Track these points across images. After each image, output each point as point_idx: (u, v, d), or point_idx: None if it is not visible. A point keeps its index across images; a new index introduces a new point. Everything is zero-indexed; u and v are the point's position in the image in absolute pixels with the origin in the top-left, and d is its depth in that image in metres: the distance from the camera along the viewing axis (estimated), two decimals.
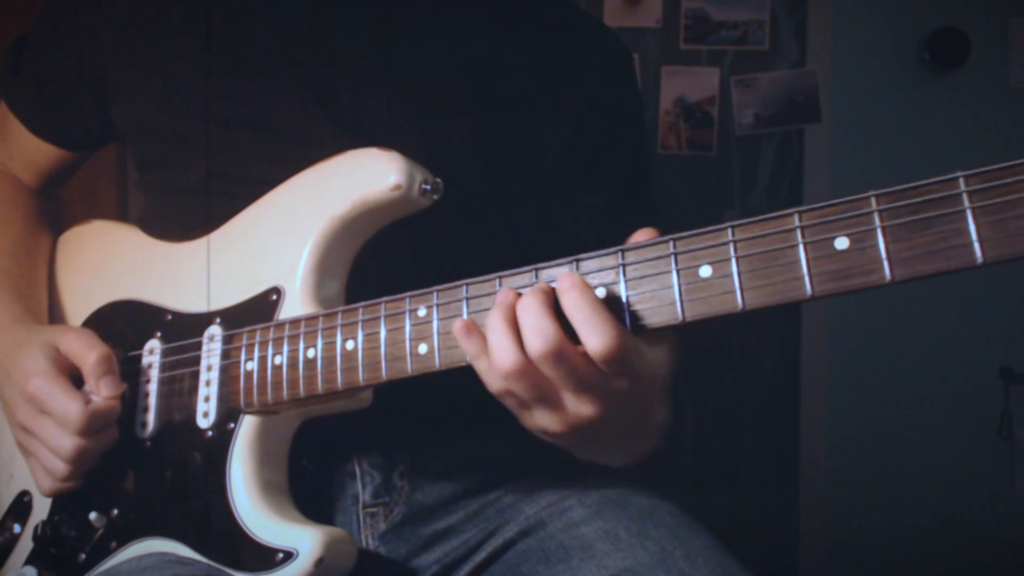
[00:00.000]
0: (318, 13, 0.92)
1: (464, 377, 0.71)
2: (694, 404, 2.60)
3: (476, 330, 0.67)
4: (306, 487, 0.85)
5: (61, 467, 0.84)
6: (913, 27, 2.57)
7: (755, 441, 2.62)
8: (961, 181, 0.54)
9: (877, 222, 0.57)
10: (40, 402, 0.84)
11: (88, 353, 0.86)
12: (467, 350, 0.68)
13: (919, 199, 0.56)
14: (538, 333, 0.64)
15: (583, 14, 1.06)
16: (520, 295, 0.67)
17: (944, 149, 2.57)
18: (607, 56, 1.02)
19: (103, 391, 0.85)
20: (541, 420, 0.69)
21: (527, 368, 0.65)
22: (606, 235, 0.96)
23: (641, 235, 0.67)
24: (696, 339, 0.66)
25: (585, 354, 0.64)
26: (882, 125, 2.60)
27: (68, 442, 0.83)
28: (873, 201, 0.57)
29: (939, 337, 2.52)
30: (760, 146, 2.61)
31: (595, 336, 0.63)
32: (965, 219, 0.54)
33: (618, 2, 2.55)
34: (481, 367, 0.68)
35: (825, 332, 2.59)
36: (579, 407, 0.67)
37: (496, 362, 0.65)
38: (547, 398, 0.67)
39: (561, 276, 0.66)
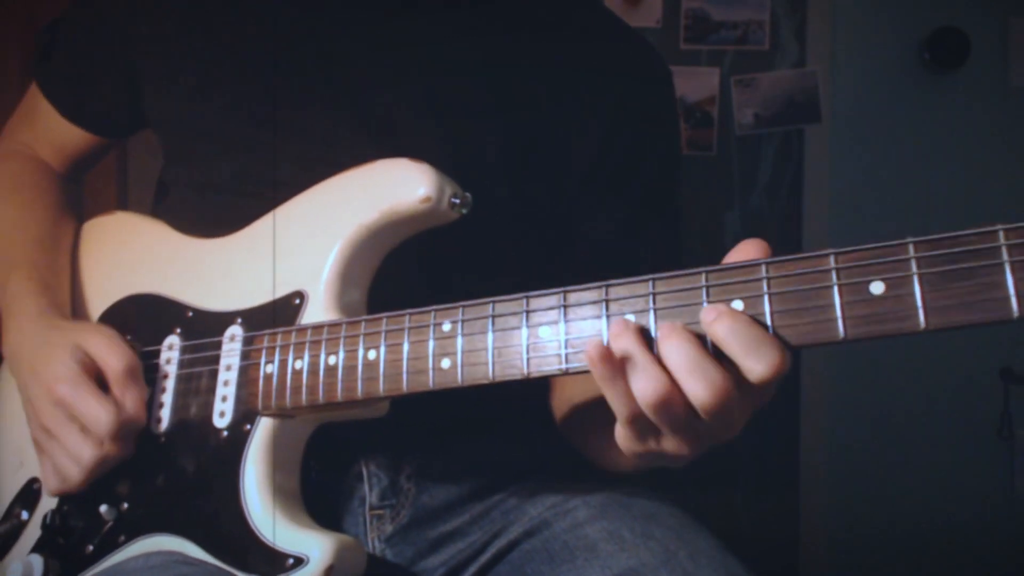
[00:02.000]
0: (348, 12, 0.91)
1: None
2: None
3: (612, 354, 0.62)
4: (313, 489, 0.85)
5: (76, 473, 0.84)
6: (913, 27, 2.57)
7: (755, 441, 2.62)
8: (1001, 234, 0.54)
9: (914, 268, 0.56)
10: (69, 407, 0.83)
11: (115, 360, 0.85)
12: (602, 372, 0.62)
13: (957, 249, 0.55)
14: (705, 380, 0.60)
15: (616, 20, 1.04)
16: (643, 329, 0.64)
17: (944, 149, 2.57)
18: (643, 63, 1.00)
19: (129, 401, 0.84)
20: (669, 446, 0.66)
21: (673, 398, 0.61)
22: (627, 247, 0.96)
23: (748, 246, 0.63)
24: None
25: (741, 382, 0.61)
26: (882, 125, 2.60)
27: (88, 451, 0.83)
28: (911, 248, 0.57)
29: (939, 337, 2.51)
30: (760, 146, 2.61)
31: (758, 361, 0.59)
32: (1003, 272, 0.54)
33: (618, 2, 2.55)
34: (616, 391, 0.63)
35: None
36: (724, 431, 0.65)
37: (644, 395, 0.61)
38: (687, 426, 0.64)
39: (708, 310, 0.61)
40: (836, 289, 0.59)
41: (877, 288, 0.57)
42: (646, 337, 0.63)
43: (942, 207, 2.47)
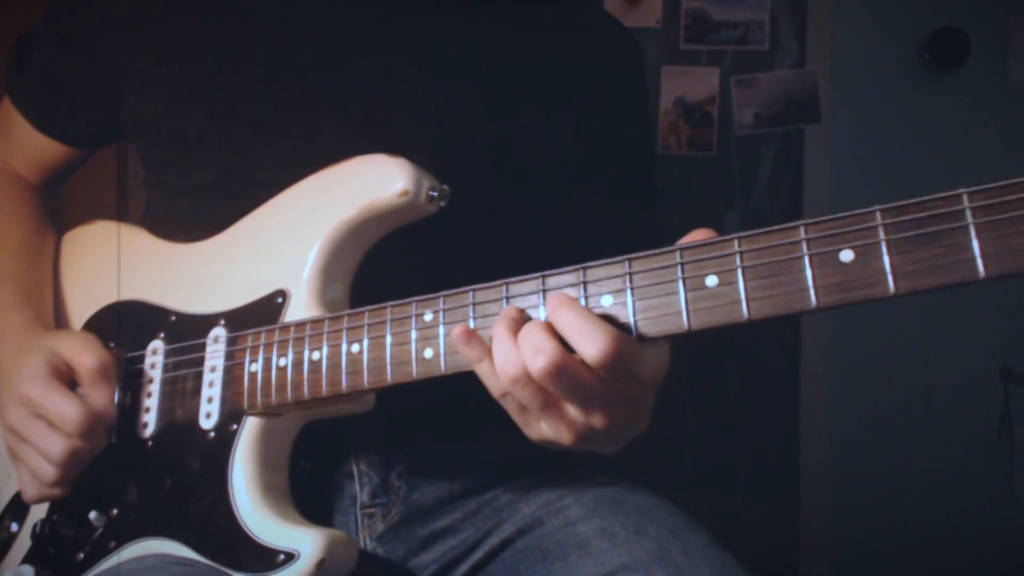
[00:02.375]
0: (327, 11, 0.92)
1: (462, 377, 0.71)
2: (695, 404, 2.60)
3: (476, 337, 0.68)
4: (304, 487, 0.85)
5: (50, 471, 0.84)
6: (913, 27, 2.57)
7: (755, 441, 2.62)
8: (965, 197, 0.55)
9: (882, 235, 0.57)
10: (34, 405, 0.84)
11: (84, 357, 0.85)
12: (467, 356, 0.69)
13: (923, 214, 0.56)
14: (538, 351, 0.64)
15: (595, 10, 1.05)
16: (524, 314, 0.69)
17: (944, 149, 2.56)
18: (613, 53, 1.01)
19: (98, 395, 0.85)
20: (546, 431, 0.70)
21: (527, 377, 0.66)
22: (605, 234, 0.96)
23: (698, 234, 0.66)
24: (697, 339, 0.66)
25: (584, 363, 0.65)
26: (882, 125, 2.60)
27: (58, 445, 0.83)
28: (878, 215, 0.58)
29: (939, 337, 2.52)
30: (760, 146, 2.61)
31: (589, 344, 0.63)
32: (968, 234, 0.55)
33: (618, 2, 2.55)
34: (483, 371, 0.69)
35: (825, 332, 2.59)
36: (587, 419, 0.68)
37: (501, 371, 0.67)
38: (551, 406, 0.68)
39: (549, 298, 0.67)
40: (807, 259, 0.60)
41: (847, 256, 0.59)
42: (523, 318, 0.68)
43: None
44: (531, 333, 0.65)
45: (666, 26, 2.58)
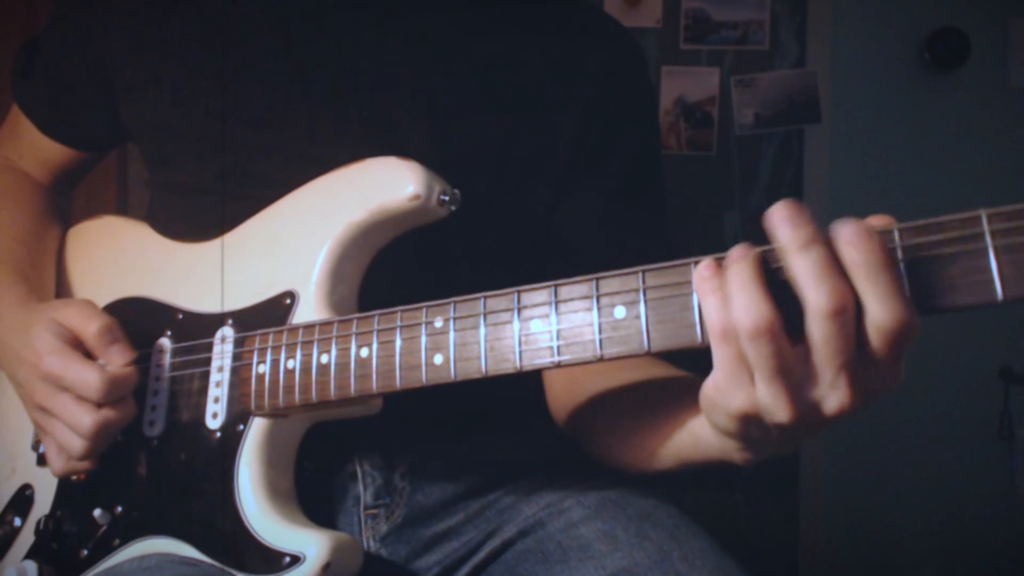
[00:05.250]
0: (327, 12, 0.92)
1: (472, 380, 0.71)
2: None
3: (720, 271, 0.58)
4: (308, 488, 0.85)
5: (78, 443, 0.84)
6: (913, 27, 2.57)
7: None
8: (984, 219, 0.55)
9: (899, 256, 0.57)
10: (57, 378, 0.84)
11: (88, 323, 0.85)
12: (702, 285, 0.58)
13: (942, 236, 0.56)
14: (826, 287, 0.54)
15: (595, 11, 1.05)
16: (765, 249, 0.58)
17: (944, 149, 2.56)
18: (613, 54, 1.01)
19: (115, 359, 0.84)
20: (765, 398, 0.58)
21: (777, 335, 0.55)
22: (606, 236, 0.96)
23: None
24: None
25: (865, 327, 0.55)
26: (882, 125, 2.60)
27: (87, 417, 0.82)
28: (896, 235, 0.57)
29: (939, 337, 2.51)
30: (760, 146, 2.61)
31: (886, 304, 0.54)
32: (987, 256, 0.54)
33: (618, 2, 2.55)
34: (712, 304, 0.57)
35: None
36: (830, 394, 0.58)
37: (740, 317, 0.56)
38: (788, 375, 0.57)
39: (843, 226, 0.55)
40: None
41: None
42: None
43: (942, 207, 2.44)
44: (811, 261, 0.54)
45: (666, 26, 2.58)
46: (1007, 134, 2.57)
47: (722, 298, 0.57)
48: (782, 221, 0.56)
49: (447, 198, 0.80)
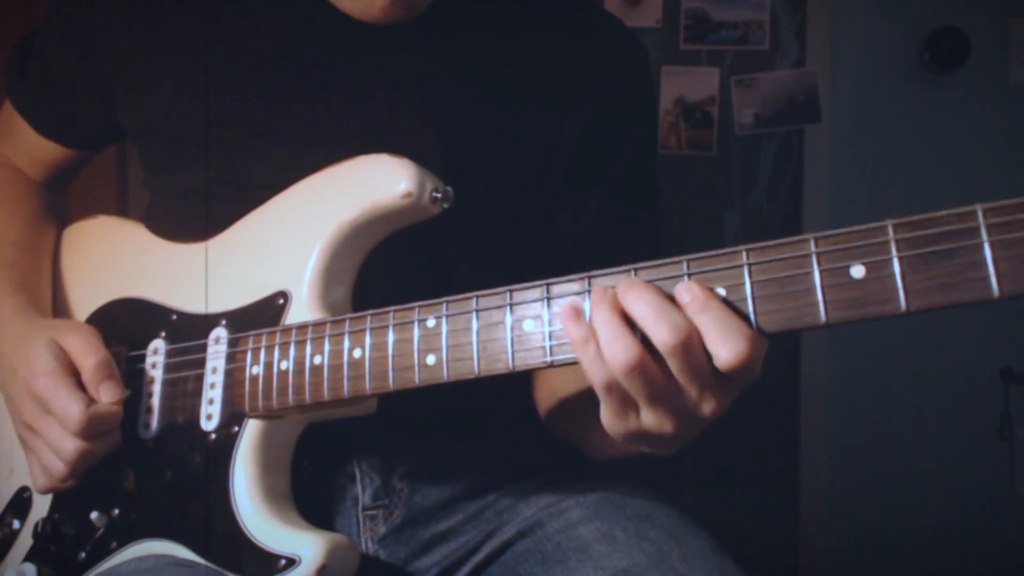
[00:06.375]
0: (322, 14, 0.91)
1: (464, 381, 0.71)
2: None
3: (583, 316, 0.64)
4: (306, 489, 0.85)
5: (60, 467, 0.84)
6: (913, 27, 2.57)
7: (755, 442, 2.62)
8: (980, 214, 0.54)
9: (894, 251, 0.56)
10: (44, 401, 0.84)
11: (87, 358, 0.85)
12: (573, 336, 0.64)
13: (937, 230, 0.55)
14: (667, 323, 0.60)
15: (598, 10, 1.05)
16: (614, 289, 0.64)
17: (944, 149, 2.56)
18: (618, 53, 1.00)
19: (103, 396, 0.84)
20: (648, 422, 0.65)
21: (646, 363, 0.61)
22: (605, 238, 0.96)
23: None
24: None
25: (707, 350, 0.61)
26: (882, 125, 2.59)
27: (70, 444, 0.83)
28: (890, 230, 0.57)
29: (939, 337, 2.51)
30: (760, 146, 2.61)
31: (727, 345, 0.60)
32: (983, 252, 0.54)
33: (618, 2, 2.54)
34: (587, 356, 0.63)
35: (825, 332, 2.59)
36: (701, 405, 0.64)
37: (612, 357, 0.62)
38: (663, 399, 0.63)
39: (679, 289, 0.62)
40: (817, 273, 0.59)
41: (858, 271, 0.58)
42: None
43: (941, 207, 2.45)
44: (651, 304, 0.61)
45: (666, 26, 2.58)
46: (1007, 134, 2.57)
47: (595, 348, 0.63)
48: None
49: (439, 195, 0.80)
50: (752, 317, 0.61)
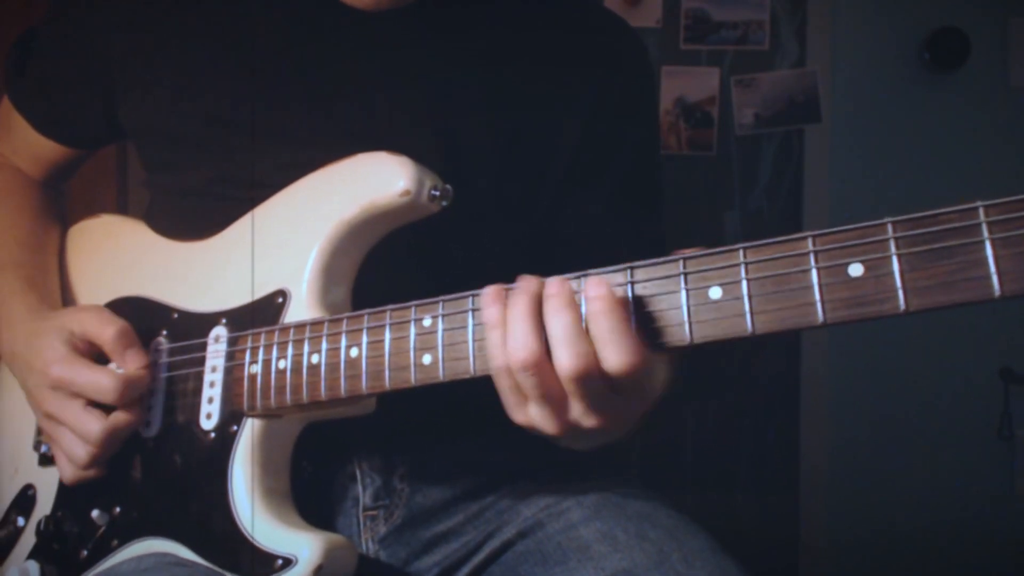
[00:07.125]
0: (324, 13, 0.91)
1: (463, 381, 0.71)
2: (694, 405, 2.60)
3: (503, 301, 0.66)
4: (307, 489, 0.85)
5: (83, 453, 0.85)
6: (913, 27, 2.57)
7: (755, 442, 2.62)
8: (981, 211, 0.53)
9: (893, 249, 0.55)
10: (67, 385, 0.84)
11: (104, 329, 0.86)
12: (486, 317, 0.66)
13: (937, 228, 0.54)
14: (574, 351, 0.63)
15: (601, 8, 1.05)
16: (544, 286, 0.65)
17: (944, 149, 2.56)
18: (620, 51, 1.00)
19: (129, 363, 0.85)
20: (535, 418, 0.68)
21: (541, 366, 0.64)
22: (607, 237, 0.96)
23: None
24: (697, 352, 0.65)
25: (604, 372, 0.63)
26: (882, 125, 2.59)
27: (95, 424, 0.83)
28: (890, 228, 0.56)
29: (939, 337, 2.51)
30: (760, 146, 2.61)
31: (618, 353, 0.62)
32: (984, 250, 0.52)
33: (618, 2, 2.54)
34: (492, 340, 0.66)
35: (825, 332, 2.59)
36: (582, 418, 0.66)
37: (513, 351, 0.64)
38: (552, 402, 0.66)
39: (590, 282, 0.64)
40: (814, 272, 0.58)
41: (856, 270, 0.57)
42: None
43: (942, 207, 2.46)
44: (564, 325, 0.63)
45: (666, 26, 2.58)
46: (1007, 134, 2.56)
47: (501, 335, 0.65)
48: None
49: (438, 193, 0.80)
50: (748, 316, 0.60)
